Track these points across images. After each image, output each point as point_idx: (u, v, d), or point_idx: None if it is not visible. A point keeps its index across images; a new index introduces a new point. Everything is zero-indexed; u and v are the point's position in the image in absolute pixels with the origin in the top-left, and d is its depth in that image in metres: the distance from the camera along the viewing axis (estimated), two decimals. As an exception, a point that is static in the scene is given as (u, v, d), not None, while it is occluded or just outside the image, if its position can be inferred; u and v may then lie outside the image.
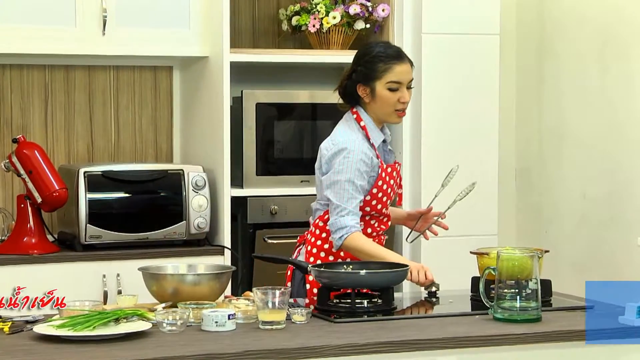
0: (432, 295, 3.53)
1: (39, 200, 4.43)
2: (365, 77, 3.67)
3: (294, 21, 4.98)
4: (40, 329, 2.90)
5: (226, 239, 4.63)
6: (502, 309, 3.13)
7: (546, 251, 3.48)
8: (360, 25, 4.92)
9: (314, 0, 4.94)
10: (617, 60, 4.77)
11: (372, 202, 3.67)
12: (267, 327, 3.02)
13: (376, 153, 3.67)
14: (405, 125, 4.78)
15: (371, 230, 3.72)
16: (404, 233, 4.38)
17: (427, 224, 3.87)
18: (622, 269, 4.70)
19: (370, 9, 4.92)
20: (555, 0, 5.17)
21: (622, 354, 3.14)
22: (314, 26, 4.90)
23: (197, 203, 4.60)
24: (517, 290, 3.11)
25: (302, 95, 4.91)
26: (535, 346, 3.02)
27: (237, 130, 4.74)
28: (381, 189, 3.67)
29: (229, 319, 3.00)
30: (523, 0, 5.36)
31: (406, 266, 3.41)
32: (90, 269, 4.43)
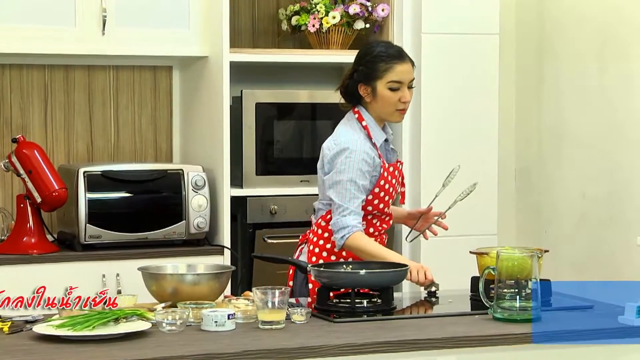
0: (431, 295, 3.53)
1: (39, 200, 4.43)
2: (366, 76, 3.67)
3: (293, 21, 4.98)
4: (40, 328, 2.90)
5: (226, 238, 4.63)
6: (502, 308, 3.13)
7: (546, 251, 3.47)
8: (359, 25, 4.92)
9: (313, 0, 4.94)
10: (617, 59, 4.76)
11: (374, 202, 3.67)
12: (267, 327, 3.02)
13: (378, 153, 3.67)
14: (405, 125, 4.77)
15: (373, 230, 3.73)
16: (404, 232, 4.38)
17: (427, 224, 3.88)
18: (621, 268, 4.69)
19: (370, 8, 4.91)
20: (554, 0, 5.17)
21: (621, 353, 3.14)
22: (313, 26, 4.90)
23: (196, 203, 4.60)
24: (516, 290, 3.11)
25: (302, 95, 4.90)
26: (535, 346, 3.02)
27: (237, 130, 4.73)
28: (383, 188, 3.67)
29: (228, 318, 3.00)
30: (522, 0, 5.36)
31: (406, 266, 3.41)
32: (89, 268, 4.43)
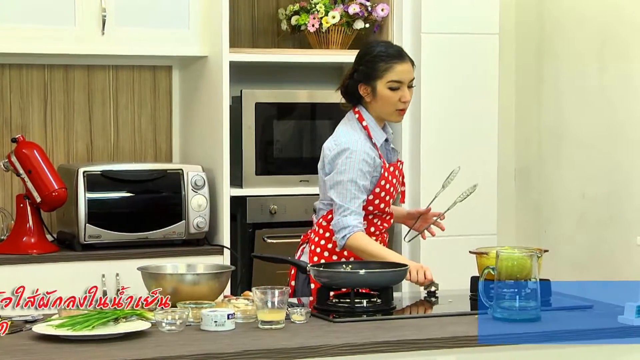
0: (431, 294, 3.53)
1: (38, 199, 4.42)
2: (366, 76, 3.67)
3: (293, 21, 4.98)
4: (40, 328, 2.90)
5: (225, 238, 4.63)
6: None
7: (545, 251, 3.47)
8: (359, 24, 4.92)
9: (313, 0, 4.94)
10: (617, 59, 4.76)
11: (375, 202, 3.67)
12: (267, 327, 3.02)
13: (378, 153, 3.67)
14: (404, 125, 4.77)
15: (374, 229, 3.73)
16: (404, 232, 4.38)
17: (425, 224, 3.89)
18: (621, 268, 4.69)
19: (370, 8, 4.91)
20: (554, 0, 5.17)
21: (621, 353, 3.14)
22: (313, 26, 4.90)
23: (196, 203, 4.60)
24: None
25: (302, 95, 4.90)
26: (534, 346, 3.02)
27: (237, 129, 4.73)
28: (384, 188, 3.67)
29: (228, 318, 3.00)
30: (522, 0, 5.36)
31: (405, 266, 3.41)
32: (89, 268, 4.43)
